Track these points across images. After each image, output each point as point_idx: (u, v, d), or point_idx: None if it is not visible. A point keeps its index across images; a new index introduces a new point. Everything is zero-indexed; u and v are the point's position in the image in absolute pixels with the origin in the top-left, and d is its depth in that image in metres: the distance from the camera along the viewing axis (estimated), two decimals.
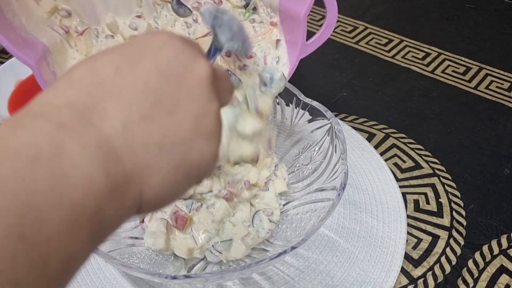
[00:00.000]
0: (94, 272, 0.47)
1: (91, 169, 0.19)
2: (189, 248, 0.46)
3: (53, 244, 0.17)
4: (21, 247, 0.16)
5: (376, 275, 0.47)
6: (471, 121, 0.69)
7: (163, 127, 0.22)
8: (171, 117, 0.22)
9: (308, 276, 0.47)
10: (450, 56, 0.82)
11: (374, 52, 0.83)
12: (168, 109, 0.22)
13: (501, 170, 0.61)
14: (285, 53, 0.50)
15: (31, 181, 0.17)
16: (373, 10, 0.96)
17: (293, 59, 0.48)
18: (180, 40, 0.24)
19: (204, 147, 0.24)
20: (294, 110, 0.57)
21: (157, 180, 0.22)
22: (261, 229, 0.49)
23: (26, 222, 0.16)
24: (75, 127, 0.19)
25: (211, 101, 0.24)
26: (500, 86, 0.76)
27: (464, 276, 0.49)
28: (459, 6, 0.97)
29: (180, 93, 0.23)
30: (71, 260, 0.18)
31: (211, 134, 0.24)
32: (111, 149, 0.20)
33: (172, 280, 0.38)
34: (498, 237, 0.53)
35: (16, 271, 0.15)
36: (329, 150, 0.51)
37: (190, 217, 0.47)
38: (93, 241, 0.19)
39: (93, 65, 0.22)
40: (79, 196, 0.18)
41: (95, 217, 0.19)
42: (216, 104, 0.25)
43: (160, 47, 0.23)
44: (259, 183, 0.51)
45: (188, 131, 0.23)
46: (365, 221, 0.52)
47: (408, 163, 0.61)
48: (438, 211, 0.55)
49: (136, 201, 0.21)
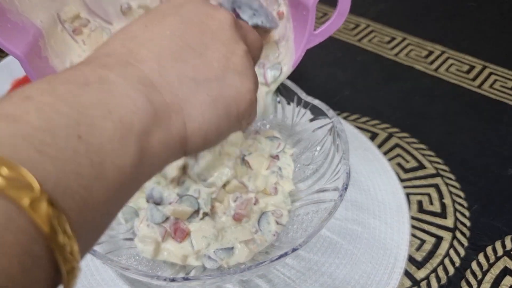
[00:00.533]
0: (92, 274, 0.46)
1: (135, 95, 0.21)
2: (183, 254, 0.45)
3: (106, 148, 0.19)
4: (79, 144, 0.18)
5: (378, 277, 0.47)
6: (474, 121, 0.68)
7: (195, 65, 0.24)
8: (201, 57, 0.25)
9: (309, 278, 0.46)
10: (454, 55, 0.82)
11: (377, 50, 0.82)
12: (197, 50, 0.25)
13: (504, 170, 0.60)
14: (288, 51, 0.48)
15: (83, 98, 0.19)
16: (376, 8, 0.95)
17: (299, 49, 0.46)
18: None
19: (238, 83, 0.26)
20: (295, 109, 0.56)
21: (198, 113, 0.24)
22: (268, 232, 0.47)
23: (82, 126, 0.18)
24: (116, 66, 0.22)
25: (237, 42, 0.27)
26: (504, 85, 0.75)
27: (467, 278, 0.48)
28: (462, 4, 0.96)
29: (205, 36, 0.25)
30: (123, 175, 0.19)
31: (242, 70, 0.26)
32: (150, 83, 0.22)
33: (170, 283, 0.37)
34: (502, 238, 0.52)
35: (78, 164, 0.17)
36: (331, 150, 0.50)
37: (190, 231, 0.46)
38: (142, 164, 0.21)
39: (125, 28, 0.25)
40: (126, 114, 0.20)
41: (143, 137, 0.20)
42: (242, 45, 0.27)
43: (182, 4, 0.27)
44: (267, 189, 0.50)
45: (219, 68, 0.25)
46: (367, 222, 0.52)
47: (412, 163, 0.60)
48: (442, 212, 0.54)
49: (182, 132, 0.23)
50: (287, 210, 0.49)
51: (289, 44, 0.47)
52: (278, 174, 0.52)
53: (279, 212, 0.49)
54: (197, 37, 0.25)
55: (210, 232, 0.45)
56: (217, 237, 0.45)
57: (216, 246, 0.45)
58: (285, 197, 0.50)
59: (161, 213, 0.46)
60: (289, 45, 0.47)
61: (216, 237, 0.45)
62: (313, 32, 0.44)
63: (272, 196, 0.50)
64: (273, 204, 0.49)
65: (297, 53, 0.46)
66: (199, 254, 0.44)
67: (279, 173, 0.52)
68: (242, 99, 0.26)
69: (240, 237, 0.45)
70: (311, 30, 0.44)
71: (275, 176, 0.51)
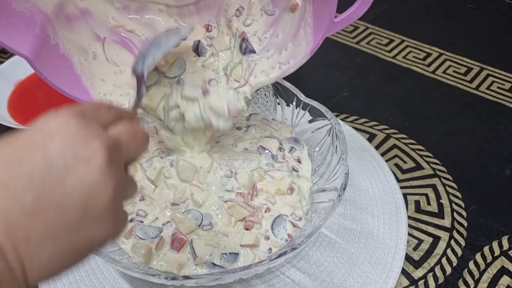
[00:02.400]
0: (94, 273, 0.47)
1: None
2: (180, 263, 0.43)
3: None
4: None
5: (376, 276, 0.47)
6: (472, 122, 0.68)
7: (46, 219, 0.23)
8: (56, 208, 0.23)
9: (308, 277, 0.47)
10: (451, 57, 0.82)
11: (375, 52, 0.83)
12: (53, 200, 0.23)
13: (502, 171, 0.61)
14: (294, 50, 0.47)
15: None
16: (374, 10, 0.95)
17: (318, 36, 0.43)
18: (75, 123, 0.25)
19: (94, 231, 0.25)
20: (295, 110, 0.56)
21: (40, 266, 0.24)
22: (280, 239, 0.46)
23: None
24: None
25: (105, 184, 0.25)
26: (501, 86, 0.75)
27: (465, 277, 0.48)
28: (460, 6, 0.97)
29: (67, 183, 0.23)
30: None
31: (102, 217, 0.25)
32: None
33: (171, 281, 0.38)
34: (499, 238, 0.52)
35: None
36: (330, 151, 0.51)
37: (188, 240, 0.45)
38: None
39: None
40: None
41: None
42: (109, 187, 0.25)
43: (53, 135, 0.24)
44: (282, 189, 0.49)
45: (74, 219, 0.24)
46: (365, 222, 0.52)
47: (409, 163, 0.61)
48: (439, 212, 0.55)
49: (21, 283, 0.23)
50: (303, 211, 0.48)
51: (307, 29, 0.45)
52: (296, 174, 0.51)
53: (298, 214, 0.47)
54: (57, 185, 0.23)
55: (214, 241, 0.45)
56: (220, 244, 0.44)
57: (220, 252, 0.44)
58: (302, 197, 0.49)
59: (155, 228, 0.46)
60: (307, 30, 0.45)
61: (219, 244, 0.44)
62: (334, 19, 0.42)
63: (287, 196, 0.49)
64: (288, 204, 0.48)
65: (316, 40, 0.44)
66: (200, 261, 0.43)
67: (296, 172, 0.52)
68: (96, 244, 0.26)
69: (244, 242, 0.44)
70: (332, 18, 0.42)
71: (290, 177, 0.50)
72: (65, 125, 0.25)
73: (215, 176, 0.48)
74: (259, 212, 0.47)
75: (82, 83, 0.47)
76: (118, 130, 0.28)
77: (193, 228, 0.45)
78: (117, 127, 0.28)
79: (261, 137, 0.54)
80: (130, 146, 0.28)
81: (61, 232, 0.24)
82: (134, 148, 0.29)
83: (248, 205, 0.47)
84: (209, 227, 0.45)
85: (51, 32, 0.42)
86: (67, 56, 0.45)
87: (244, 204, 0.47)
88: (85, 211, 0.24)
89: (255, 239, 0.44)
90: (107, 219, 0.25)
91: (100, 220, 0.25)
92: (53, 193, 0.23)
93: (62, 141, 0.24)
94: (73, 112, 0.26)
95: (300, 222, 0.47)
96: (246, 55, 0.48)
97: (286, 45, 0.47)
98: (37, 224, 0.23)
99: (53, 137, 0.24)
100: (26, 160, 0.24)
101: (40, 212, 0.23)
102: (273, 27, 0.48)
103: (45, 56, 0.42)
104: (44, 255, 0.24)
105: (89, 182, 0.24)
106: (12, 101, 0.66)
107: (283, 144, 0.54)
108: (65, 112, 0.26)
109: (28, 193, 0.23)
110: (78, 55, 0.47)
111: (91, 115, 0.27)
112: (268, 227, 0.46)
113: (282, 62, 0.47)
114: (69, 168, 0.24)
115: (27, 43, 0.40)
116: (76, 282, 0.46)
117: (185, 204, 0.47)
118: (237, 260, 0.43)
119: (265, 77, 0.47)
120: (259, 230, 0.46)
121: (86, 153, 0.24)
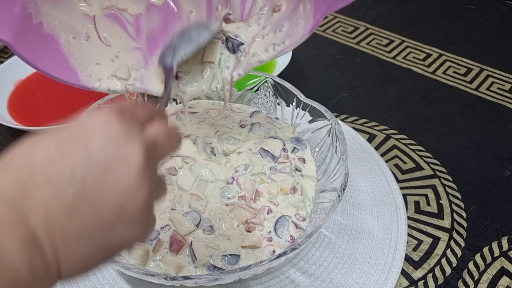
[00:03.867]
0: (93, 273, 0.47)
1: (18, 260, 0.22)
2: (178, 265, 0.43)
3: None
4: None
5: (376, 276, 0.47)
6: (472, 123, 0.68)
7: (84, 217, 0.24)
8: (94, 206, 0.24)
9: (308, 278, 0.47)
10: (451, 57, 0.82)
11: (375, 53, 0.83)
12: (92, 198, 0.24)
13: (502, 171, 0.61)
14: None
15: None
16: (374, 11, 0.95)
17: (319, 13, 0.41)
18: (117, 122, 0.25)
19: (126, 232, 0.25)
20: (295, 110, 0.57)
21: (74, 263, 0.24)
22: (284, 241, 0.45)
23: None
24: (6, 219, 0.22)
25: (140, 188, 0.25)
26: (501, 87, 0.75)
27: (464, 278, 0.48)
28: (460, 7, 0.97)
29: (106, 182, 0.24)
30: None
31: (134, 222, 0.25)
32: (35, 242, 0.22)
33: (170, 281, 0.38)
34: (499, 239, 0.52)
35: None
36: (330, 151, 0.51)
37: (187, 242, 0.44)
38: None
39: (30, 152, 0.24)
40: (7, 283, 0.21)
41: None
42: (144, 191, 0.25)
43: (94, 133, 0.25)
44: (285, 188, 0.48)
45: (110, 218, 0.24)
46: (365, 222, 0.52)
47: (409, 164, 0.61)
48: (439, 213, 0.55)
49: (55, 279, 0.24)
50: (306, 211, 0.47)
51: (307, 5, 0.42)
52: (299, 174, 0.51)
53: (302, 214, 0.47)
54: (97, 185, 0.24)
55: (214, 243, 0.44)
56: (220, 246, 0.44)
57: (221, 254, 0.43)
58: (306, 197, 0.49)
59: (153, 231, 0.45)
60: (307, 6, 0.42)
61: (219, 246, 0.44)
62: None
63: (290, 196, 0.48)
64: (292, 204, 0.48)
65: (316, 17, 0.41)
66: (199, 264, 0.43)
67: (299, 172, 0.51)
68: (127, 244, 0.26)
69: (246, 244, 0.44)
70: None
71: (293, 177, 0.50)
72: (107, 123, 0.25)
73: (215, 187, 0.48)
74: (261, 213, 0.46)
75: (70, 63, 0.44)
76: (155, 131, 0.28)
77: (191, 229, 0.45)
78: (153, 127, 0.28)
79: (265, 137, 0.54)
80: (165, 146, 0.29)
81: (96, 231, 0.24)
82: (168, 148, 0.29)
83: (250, 207, 0.47)
84: (209, 232, 0.45)
85: (33, 10, 0.40)
86: (53, 34, 0.42)
87: (246, 206, 0.46)
88: (120, 211, 0.24)
89: (257, 240, 0.44)
90: (139, 220, 0.26)
91: (134, 221, 0.25)
92: (92, 191, 0.24)
93: (103, 139, 0.24)
94: (115, 111, 0.26)
95: (304, 222, 0.47)
96: (237, 52, 0.46)
97: (283, 23, 0.44)
98: (75, 221, 0.23)
99: (96, 135, 0.24)
100: (68, 156, 0.24)
101: (79, 210, 0.23)
102: (270, 1, 0.45)
103: (27, 37, 0.39)
104: (79, 252, 0.24)
105: (126, 183, 0.24)
106: (12, 101, 0.66)
107: (286, 145, 0.54)
108: (107, 110, 0.26)
109: (69, 189, 0.23)
110: (66, 32, 0.44)
111: (130, 114, 0.27)
112: (271, 228, 0.46)
113: (276, 43, 0.44)
114: (108, 167, 0.24)
115: (6, 26, 0.37)
116: (75, 282, 0.46)
117: (184, 208, 0.47)
118: (238, 262, 0.43)
119: (257, 60, 0.45)
120: (261, 231, 0.45)
121: (125, 153, 0.25)
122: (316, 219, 0.46)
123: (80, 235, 0.24)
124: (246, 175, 0.49)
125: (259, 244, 0.44)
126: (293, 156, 0.53)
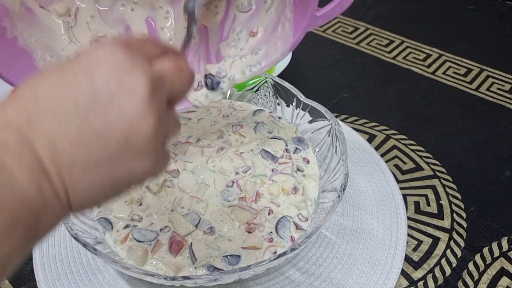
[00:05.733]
0: (93, 273, 0.47)
1: (27, 186, 0.22)
2: (178, 266, 0.42)
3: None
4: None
5: (376, 277, 0.47)
6: (472, 123, 0.68)
7: (89, 147, 0.24)
8: (99, 136, 0.24)
9: (308, 278, 0.47)
10: (451, 58, 0.82)
11: (375, 53, 0.83)
12: (96, 129, 0.24)
13: (502, 172, 0.61)
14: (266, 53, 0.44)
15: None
16: (374, 11, 0.95)
17: (299, 31, 0.41)
18: (121, 53, 0.25)
19: (134, 165, 0.25)
20: (295, 111, 0.57)
21: (82, 194, 0.24)
22: (286, 241, 0.45)
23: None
24: (14, 146, 0.22)
25: (145, 119, 0.25)
26: (501, 87, 0.75)
27: (464, 279, 0.48)
28: (460, 7, 0.97)
29: (110, 113, 0.24)
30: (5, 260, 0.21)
31: (142, 151, 0.25)
32: (42, 169, 0.23)
33: (170, 281, 0.38)
34: (499, 239, 0.52)
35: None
36: (330, 151, 0.51)
37: (187, 242, 0.44)
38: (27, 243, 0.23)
39: (36, 84, 0.24)
40: (16, 207, 0.21)
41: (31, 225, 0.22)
42: (151, 121, 0.25)
43: (99, 64, 0.24)
44: (286, 188, 0.48)
45: (116, 150, 0.24)
46: (365, 222, 0.52)
47: (409, 164, 0.61)
48: (439, 213, 0.55)
49: (66, 207, 0.24)
50: (308, 211, 0.47)
51: (286, 25, 0.42)
52: (301, 174, 0.51)
53: (304, 214, 0.47)
54: (101, 116, 0.24)
55: (214, 244, 0.44)
56: (220, 247, 0.44)
57: (221, 255, 0.43)
58: (307, 197, 0.49)
59: (153, 232, 0.45)
60: (285, 26, 0.42)
61: (219, 247, 0.44)
62: (315, 13, 0.39)
63: (291, 196, 0.48)
64: (293, 204, 0.47)
65: (296, 35, 0.41)
66: (199, 265, 0.43)
67: (301, 172, 0.51)
68: (136, 179, 0.26)
69: (246, 244, 0.44)
70: (313, 11, 0.39)
71: (294, 178, 0.50)
72: (111, 54, 0.25)
73: (216, 190, 0.48)
74: (262, 214, 0.46)
75: None
76: (163, 65, 0.28)
77: (191, 229, 0.45)
78: (162, 62, 0.28)
79: (267, 138, 0.54)
80: (174, 81, 0.28)
81: (102, 162, 0.24)
82: (178, 84, 0.29)
83: (251, 208, 0.47)
84: (209, 233, 0.45)
85: (8, 24, 0.39)
86: (28, 50, 0.41)
87: (247, 207, 0.46)
88: (126, 142, 0.24)
89: (258, 241, 0.44)
90: (147, 153, 0.25)
91: (141, 153, 0.25)
92: (96, 121, 0.24)
93: (107, 69, 0.24)
94: (120, 43, 0.26)
95: (306, 223, 0.47)
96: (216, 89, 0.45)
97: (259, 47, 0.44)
98: (81, 151, 0.24)
99: (99, 65, 0.24)
100: (71, 87, 0.24)
101: (84, 140, 0.23)
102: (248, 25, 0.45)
103: (4, 49, 0.39)
104: (86, 183, 0.24)
105: (131, 114, 0.24)
106: None
107: (288, 145, 0.54)
108: (111, 42, 0.26)
109: (73, 120, 0.23)
110: (43, 50, 0.42)
111: (137, 47, 0.27)
112: (272, 229, 0.46)
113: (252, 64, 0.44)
114: (112, 98, 0.24)
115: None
116: (75, 282, 0.46)
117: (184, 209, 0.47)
118: (239, 263, 0.43)
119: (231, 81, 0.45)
120: (262, 232, 0.45)
121: (129, 84, 0.24)
122: (316, 219, 0.46)
123: (86, 166, 0.24)
124: (247, 177, 0.49)
125: (260, 245, 0.44)
126: (296, 157, 0.53)
